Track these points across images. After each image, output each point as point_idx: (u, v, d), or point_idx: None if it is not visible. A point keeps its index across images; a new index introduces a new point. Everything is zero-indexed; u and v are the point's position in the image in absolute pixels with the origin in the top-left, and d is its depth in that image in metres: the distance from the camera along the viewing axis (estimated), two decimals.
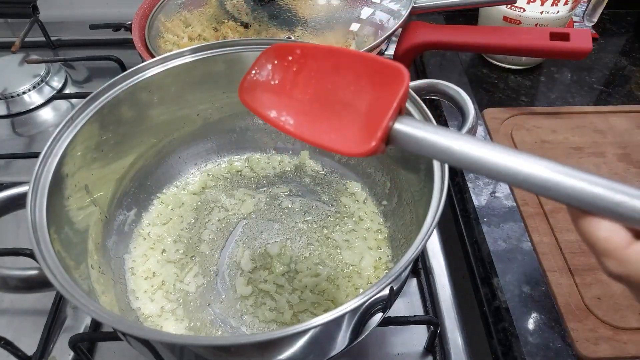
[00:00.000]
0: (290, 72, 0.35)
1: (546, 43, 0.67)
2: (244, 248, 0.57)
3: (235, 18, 0.73)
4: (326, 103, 0.34)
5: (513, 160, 0.28)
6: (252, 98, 0.36)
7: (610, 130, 0.70)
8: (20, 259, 0.54)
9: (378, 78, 0.32)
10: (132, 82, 0.52)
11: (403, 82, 0.31)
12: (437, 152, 0.30)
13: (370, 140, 0.31)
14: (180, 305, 0.52)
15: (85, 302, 0.35)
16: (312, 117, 0.34)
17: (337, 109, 0.33)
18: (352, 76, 0.33)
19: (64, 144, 0.46)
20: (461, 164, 0.30)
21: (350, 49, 0.48)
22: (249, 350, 0.38)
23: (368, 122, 0.32)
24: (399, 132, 0.31)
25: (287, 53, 0.35)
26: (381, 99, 0.31)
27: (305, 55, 0.35)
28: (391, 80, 0.32)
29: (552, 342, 0.49)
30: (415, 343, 0.54)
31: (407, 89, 0.32)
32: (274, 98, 0.35)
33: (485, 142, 0.30)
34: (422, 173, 0.48)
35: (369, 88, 0.33)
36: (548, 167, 0.28)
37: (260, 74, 0.36)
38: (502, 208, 0.61)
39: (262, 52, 0.36)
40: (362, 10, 0.72)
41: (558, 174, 0.27)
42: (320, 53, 0.35)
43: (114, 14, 0.95)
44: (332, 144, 0.33)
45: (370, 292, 0.35)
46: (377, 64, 0.33)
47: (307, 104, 0.34)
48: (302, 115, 0.34)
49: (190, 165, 0.64)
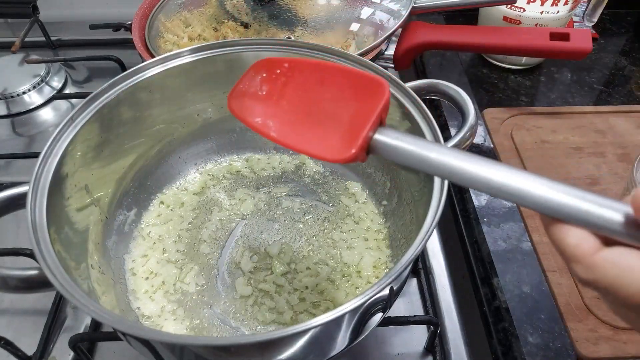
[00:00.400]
0: (278, 84, 0.37)
1: (546, 43, 0.67)
2: (243, 248, 0.57)
3: (235, 18, 0.73)
4: (311, 113, 0.36)
5: (487, 170, 0.30)
6: (240, 106, 0.38)
7: (610, 130, 0.70)
8: (20, 259, 0.54)
9: (361, 91, 0.35)
10: (132, 82, 0.52)
11: (383, 95, 0.33)
12: (414, 162, 0.32)
13: (351, 147, 0.33)
14: (180, 306, 0.52)
15: (85, 302, 0.35)
16: (297, 125, 0.36)
17: (321, 119, 0.35)
18: (337, 89, 0.36)
19: (64, 144, 0.46)
20: (438, 173, 0.32)
21: (336, 63, 0.50)
22: (249, 350, 0.38)
23: (350, 131, 0.34)
24: (378, 142, 0.33)
25: (276, 66, 0.38)
26: (363, 111, 0.34)
27: (292, 69, 0.37)
28: (373, 93, 0.34)
29: (552, 342, 0.49)
30: (415, 343, 0.54)
31: (387, 102, 0.34)
32: (260, 107, 0.37)
33: (461, 152, 0.31)
34: (422, 173, 0.48)
35: (352, 100, 0.35)
36: (521, 177, 0.29)
37: (249, 84, 0.38)
38: (502, 208, 0.61)
39: (252, 65, 0.39)
40: (362, 10, 0.72)
41: (530, 183, 0.28)
42: (307, 66, 0.37)
43: (114, 14, 0.95)
44: (313, 150, 0.35)
45: (370, 292, 0.35)
46: (360, 78, 0.35)
47: (292, 113, 0.36)
48: (286, 124, 0.36)
49: (190, 165, 0.64)
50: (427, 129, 0.47)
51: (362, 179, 0.63)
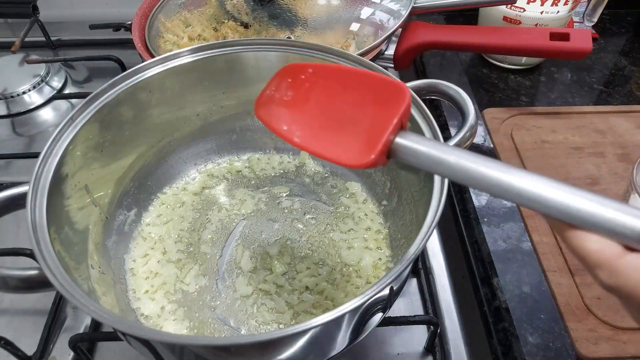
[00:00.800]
0: (302, 90, 0.38)
1: (546, 43, 0.67)
2: (244, 248, 0.57)
3: (235, 18, 0.73)
4: (333, 118, 0.36)
5: (507, 176, 0.29)
6: (267, 113, 0.38)
7: (610, 130, 0.70)
8: (20, 259, 0.54)
9: (381, 95, 0.35)
10: (132, 82, 0.52)
11: (404, 99, 0.33)
12: (435, 166, 0.32)
13: (370, 153, 0.33)
14: (180, 306, 0.52)
15: (85, 301, 0.35)
16: (319, 130, 0.36)
17: (343, 124, 0.36)
18: (358, 93, 0.36)
19: (64, 144, 0.46)
20: (458, 178, 0.31)
21: (358, 68, 0.50)
22: (249, 350, 0.38)
23: (370, 135, 0.34)
24: (399, 146, 0.33)
25: (301, 72, 0.38)
26: (383, 115, 0.34)
27: (316, 74, 0.38)
28: (394, 97, 0.34)
29: (552, 342, 0.49)
30: (415, 343, 0.54)
31: (408, 106, 0.34)
32: (285, 113, 0.38)
33: (480, 157, 0.31)
34: (422, 173, 0.48)
35: (373, 104, 0.35)
36: (539, 183, 0.28)
37: (275, 90, 0.38)
38: (502, 208, 0.61)
39: (278, 71, 0.39)
40: (362, 10, 0.72)
41: (552, 190, 0.28)
42: (330, 72, 0.38)
43: (114, 14, 0.95)
44: (334, 156, 0.35)
45: (370, 292, 0.35)
46: (381, 82, 0.35)
47: (315, 118, 0.37)
48: (309, 129, 0.37)
49: (190, 165, 0.64)
50: (427, 129, 0.47)
51: (362, 179, 0.63)
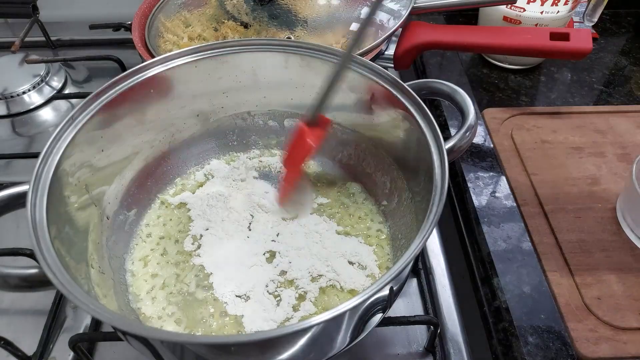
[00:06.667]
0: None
1: (546, 43, 0.67)
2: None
3: (235, 18, 0.73)
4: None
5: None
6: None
7: (610, 130, 0.70)
8: (20, 258, 0.54)
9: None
10: (132, 82, 0.52)
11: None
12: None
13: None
14: (180, 306, 0.52)
15: (85, 300, 0.35)
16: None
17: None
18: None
19: (64, 144, 0.46)
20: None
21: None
22: (249, 349, 0.38)
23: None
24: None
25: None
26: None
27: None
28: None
29: (552, 342, 0.49)
30: (415, 343, 0.54)
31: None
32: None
33: None
34: (422, 173, 0.48)
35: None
36: None
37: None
38: (502, 208, 0.61)
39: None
40: (362, 10, 0.72)
41: None
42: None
43: (114, 14, 0.95)
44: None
45: (370, 292, 0.35)
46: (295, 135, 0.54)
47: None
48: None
49: (191, 165, 0.64)
50: (427, 128, 0.47)
51: (362, 179, 0.63)
